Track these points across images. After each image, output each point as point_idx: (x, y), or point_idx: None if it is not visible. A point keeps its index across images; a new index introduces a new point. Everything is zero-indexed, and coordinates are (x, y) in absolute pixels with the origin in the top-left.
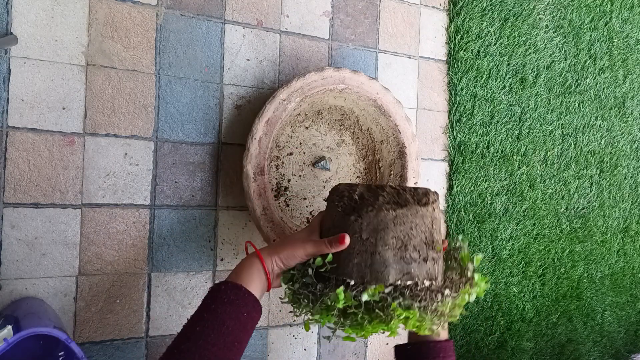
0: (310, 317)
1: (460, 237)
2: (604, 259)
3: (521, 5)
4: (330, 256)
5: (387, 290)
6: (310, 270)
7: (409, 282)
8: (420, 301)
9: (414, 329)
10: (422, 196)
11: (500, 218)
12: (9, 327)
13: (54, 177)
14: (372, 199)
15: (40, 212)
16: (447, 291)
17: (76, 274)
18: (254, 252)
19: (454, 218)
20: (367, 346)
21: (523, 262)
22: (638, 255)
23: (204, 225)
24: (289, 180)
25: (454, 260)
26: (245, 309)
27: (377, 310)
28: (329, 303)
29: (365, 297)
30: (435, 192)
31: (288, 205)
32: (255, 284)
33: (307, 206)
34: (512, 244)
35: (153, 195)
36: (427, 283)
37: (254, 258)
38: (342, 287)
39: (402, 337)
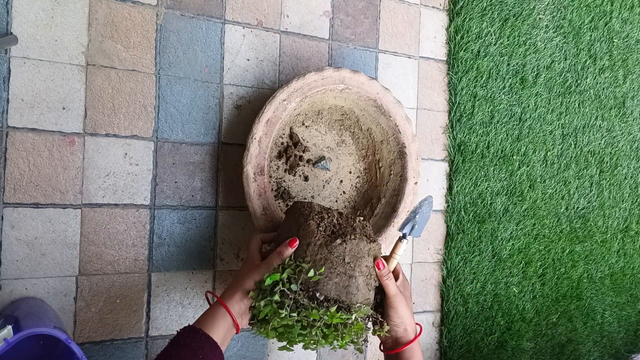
0: (272, 332)
1: None
2: (604, 259)
3: (521, 5)
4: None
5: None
6: (294, 287)
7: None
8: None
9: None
10: (370, 233)
11: (500, 218)
12: (9, 327)
13: (54, 177)
14: (351, 228)
15: (40, 212)
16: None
17: (76, 274)
18: (217, 300)
19: (454, 218)
20: (366, 346)
21: (523, 262)
22: (638, 255)
23: (204, 225)
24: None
25: None
26: (200, 352)
27: (338, 326)
28: (313, 319)
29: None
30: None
31: (288, 206)
32: (217, 329)
33: None
34: (512, 244)
35: (153, 195)
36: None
37: (217, 305)
38: (335, 307)
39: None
